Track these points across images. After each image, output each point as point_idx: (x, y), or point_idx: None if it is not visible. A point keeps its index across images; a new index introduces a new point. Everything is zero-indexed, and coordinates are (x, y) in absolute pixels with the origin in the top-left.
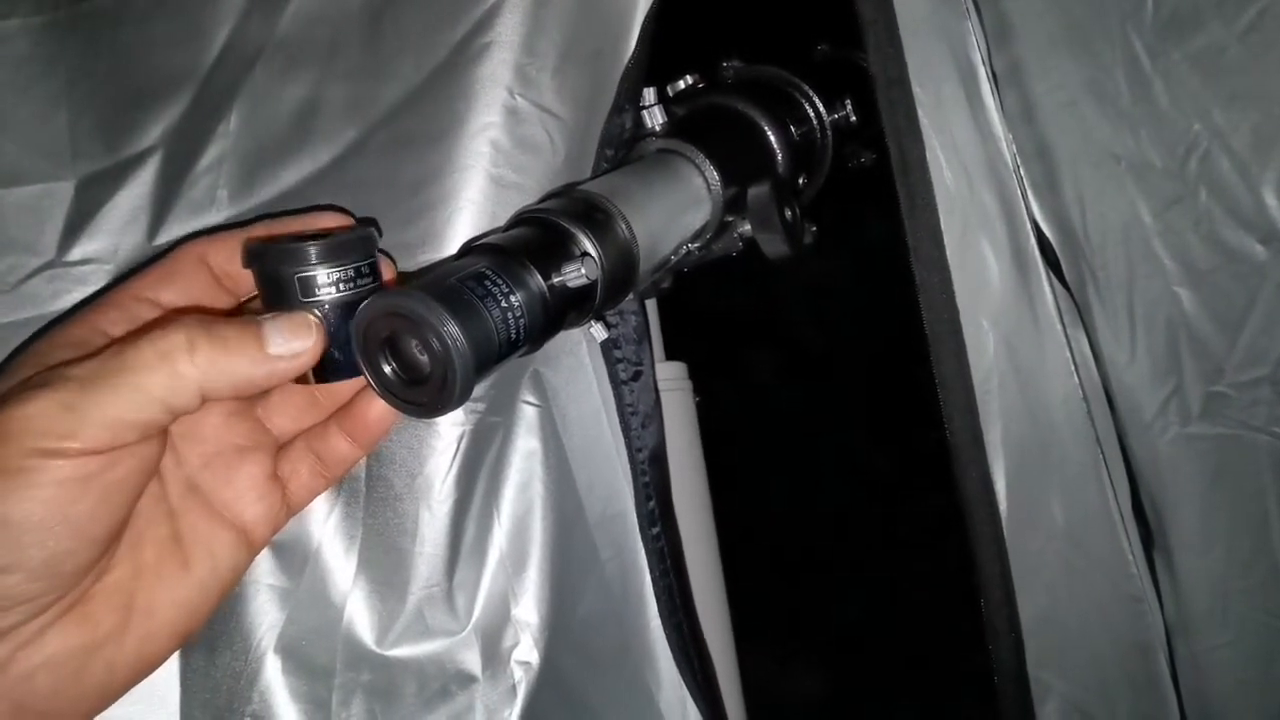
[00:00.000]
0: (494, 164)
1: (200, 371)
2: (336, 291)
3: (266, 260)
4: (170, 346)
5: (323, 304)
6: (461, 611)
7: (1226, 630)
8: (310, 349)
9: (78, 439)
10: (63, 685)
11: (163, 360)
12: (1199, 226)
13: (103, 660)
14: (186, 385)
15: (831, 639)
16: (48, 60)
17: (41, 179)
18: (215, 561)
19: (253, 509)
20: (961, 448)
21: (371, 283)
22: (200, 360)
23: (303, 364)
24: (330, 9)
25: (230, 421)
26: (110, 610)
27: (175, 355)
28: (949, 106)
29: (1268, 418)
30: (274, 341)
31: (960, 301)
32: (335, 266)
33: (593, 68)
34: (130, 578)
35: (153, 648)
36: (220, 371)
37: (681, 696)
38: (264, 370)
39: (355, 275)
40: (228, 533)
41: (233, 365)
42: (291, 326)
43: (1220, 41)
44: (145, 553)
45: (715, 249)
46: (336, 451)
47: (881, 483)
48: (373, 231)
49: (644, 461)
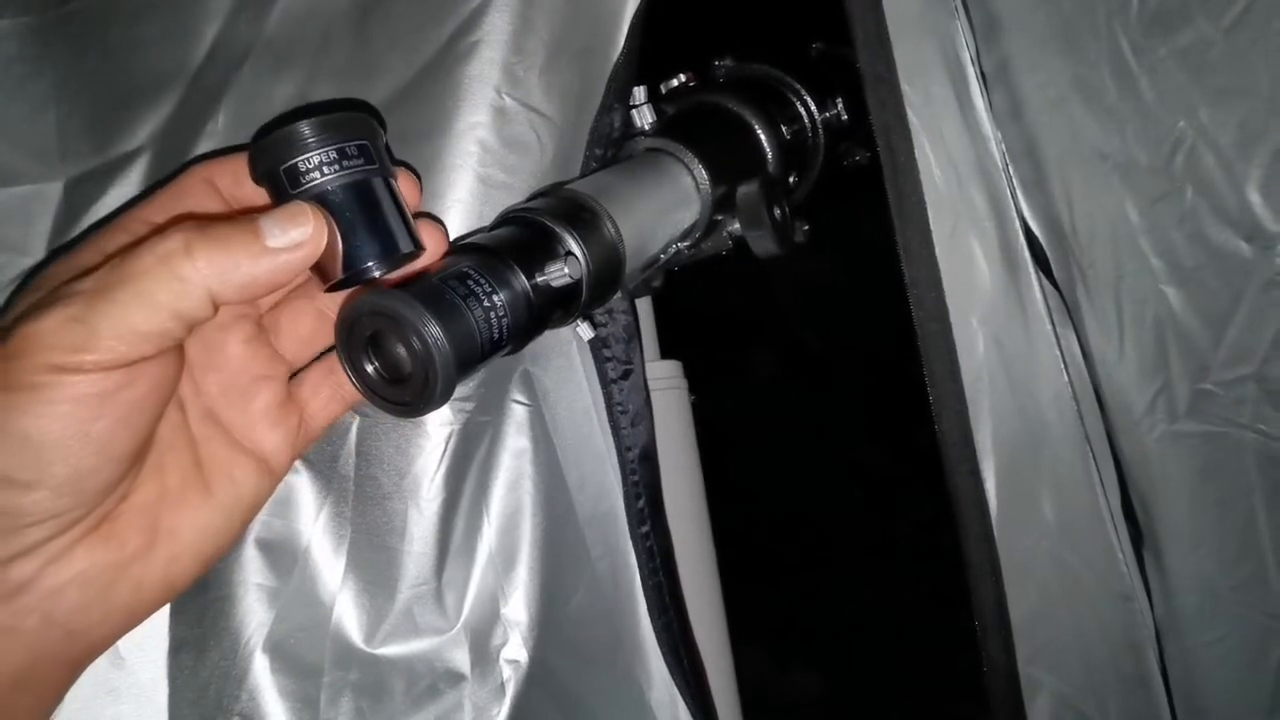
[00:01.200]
0: (482, 163)
1: (202, 273)
2: (324, 174)
3: (256, 161)
4: (168, 250)
5: (317, 191)
6: (450, 610)
7: (1215, 627)
8: (310, 236)
9: (91, 352)
10: (91, 601)
11: (163, 264)
12: (1185, 224)
13: (130, 579)
14: (191, 289)
15: (826, 637)
16: (36, 60)
17: (30, 179)
18: (237, 488)
19: (270, 437)
20: (951, 446)
21: (365, 164)
22: (200, 261)
23: (306, 254)
24: (319, 7)
25: (245, 349)
26: (136, 530)
27: (174, 258)
28: (938, 105)
29: (1253, 415)
30: (271, 233)
31: (950, 300)
32: (318, 149)
33: (581, 67)
34: (155, 500)
35: (178, 569)
36: (223, 270)
37: (672, 694)
38: (266, 264)
39: (342, 156)
40: (248, 459)
41: (234, 262)
42: (286, 215)
43: (1205, 38)
44: (169, 477)
45: (705, 248)
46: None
47: (876, 481)
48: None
49: (633, 460)
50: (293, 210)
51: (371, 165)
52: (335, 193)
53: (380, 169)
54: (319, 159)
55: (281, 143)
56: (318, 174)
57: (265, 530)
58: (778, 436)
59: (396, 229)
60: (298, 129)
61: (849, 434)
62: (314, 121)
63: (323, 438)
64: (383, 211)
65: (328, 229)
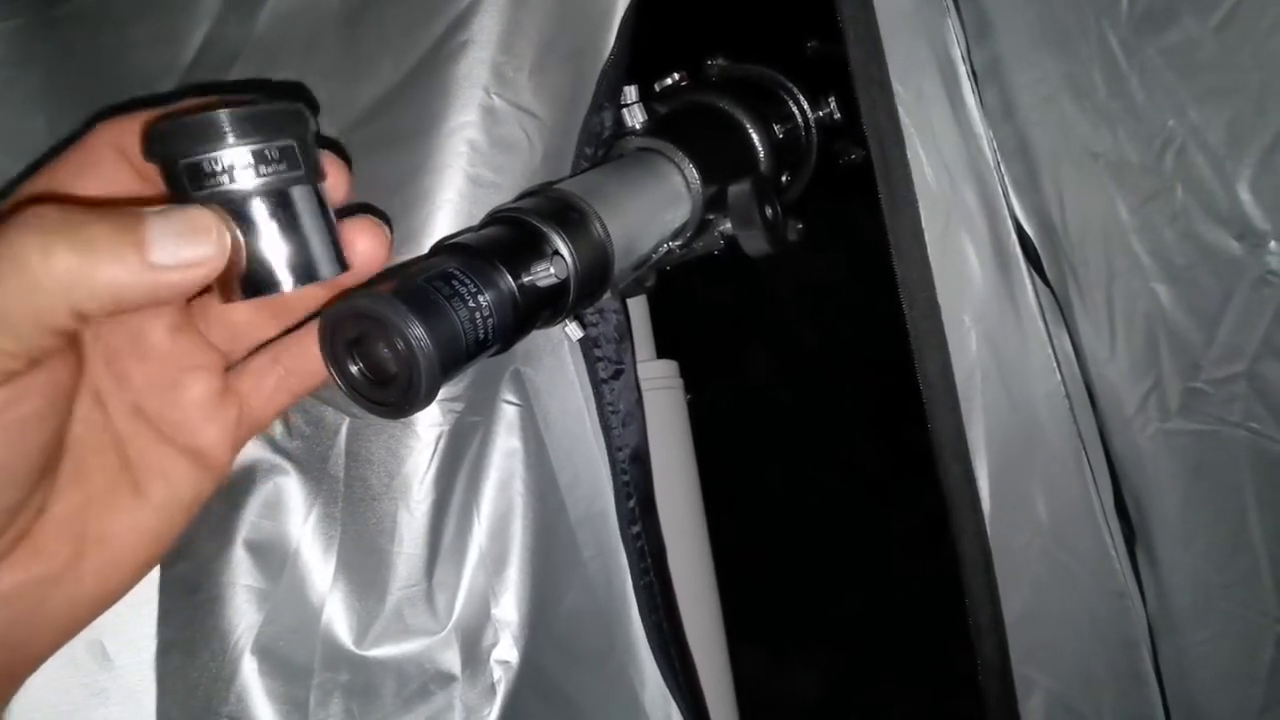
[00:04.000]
0: (471, 163)
1: (61, 284)
2: (235, 180)
3: (157, 142)
4: (21, 250)
5: (225, 196)
6: (441, 611)
7: (1208, 625)
8: (209, 257)
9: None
10: (22, 617)
11: (13, 268)
12: (1175, 223)
13: (63, 591)
14: (50, 301)
15: (820, 636)
16: (24, 64)
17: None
18: (172, 486)
19: (206, 431)
20: (944, 445)
21: (286, 170)
22: (58, 270)
23: (199, 275)
24: (307, 8)
25: (170, 338)
26: (61, 542)
27: (27, 264)
28: (930, 104)
29: (1244, 413)
30: (159, 246)
31: (942, 299)
32: (235, 146)
33: (571, 66)
34: (79, 508)
35: (114, 575)
36: (89, 284)
37: (665, 694)
38: (145, 282)
39: (260, 160)
40: (181, 456)
41: (106, 276)
42: (184, 226)
43: (1195, 36)
44: (93, 482)
45: (697, 247)
46: (309, 361)
47: (870, 480)
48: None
49: (624, 460)
50: (192, 222)
51: (295, 171)
52: (244, 202)
53: (305, 175)
54: (231, 159)
55: (187, 131)
56: (227, 178)
57: (254, 531)
58: (772, 435)
59: (316, 247)
60: (210, 118)
61: (843, 433)
62: (231, 113)
63: (312, 437)
64: (301, 227)
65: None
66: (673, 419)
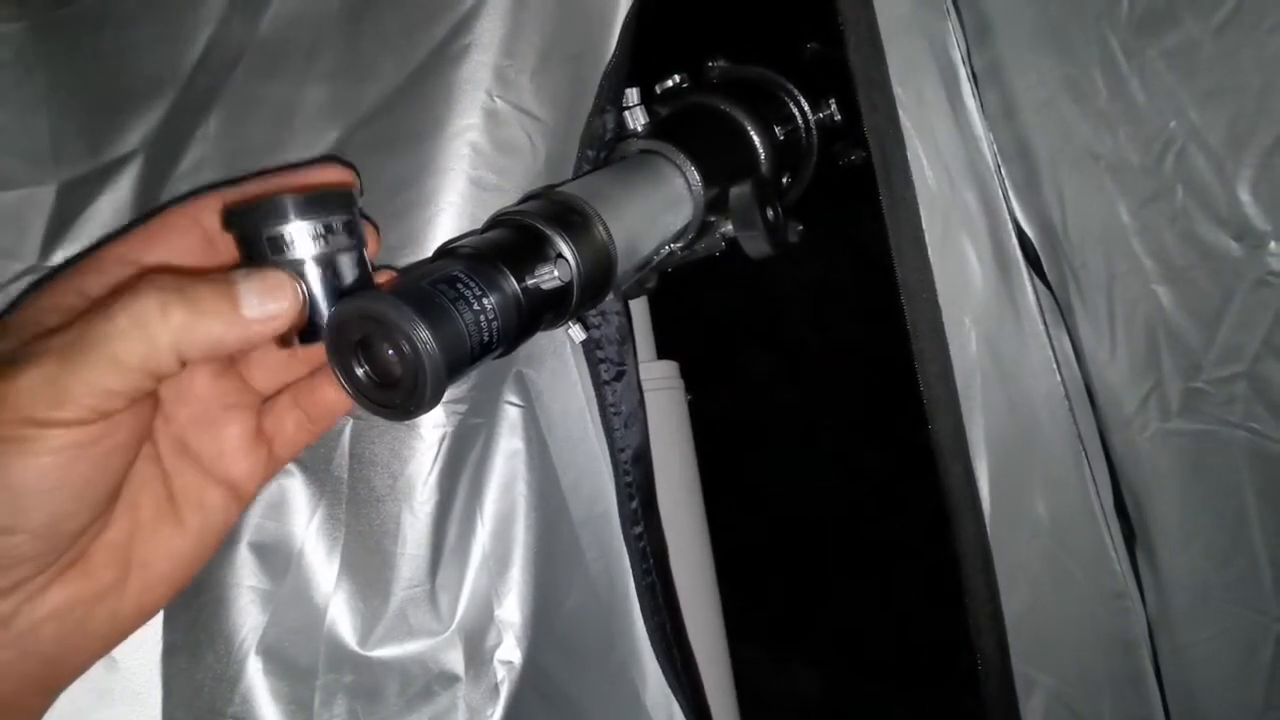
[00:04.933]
0: (474, 166)
1: (174, 336)
2: (308, 249)
3: (238, 219)
4: (143, 312)
5: (297, 263)
6: (444, 612)
7: (1208, 625)
8: (286, 310)
9: (66, 409)
10: (67, 633)
11: (137, 327)
12: (1176, 224)
13: (104, 610)
14: (162, 351)
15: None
16: (28, 65)
17: (23, 184)
18: (207, 516)
19: (240, 465)
20: (945, 445)
21: (348, 240)
22: (174, 324)
23: (279, 325)
24: (310, 10)
25: (215, 381)
26: (109, 565)
27: (149, 320)
28: (930, 106)
29: (1244, 413)
30: (248, 303)
31: (942, 300)
32: (306, 222)
33: (573, 69)
34: (128, 534)
35: (151, 597)
36: (195, 335)
37: (667, 694)
38: (238, 332)
39: (328, 231)
40: (217, 488)
41: (207, 328)
42: (266, 286)
43: (1194, 38)
44: (142, 511)
45: (698, 249)
46: (322, 404)
47: (871, 481)
48: (350, 190)
49: (627, 461)
50: (274, 282)
51: (350, 241)
52: (313, 266)
53: (354, 244)
54: (306, 231)
55: (267, 209)
56: (300, 247)
57: (259, 533)
58: (772, 436)
59: None
60: (285, 200)
61: (843, 433)
62: (302, 197)
63: (314, 445)
64: (349, 283)
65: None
66: (674, 420)
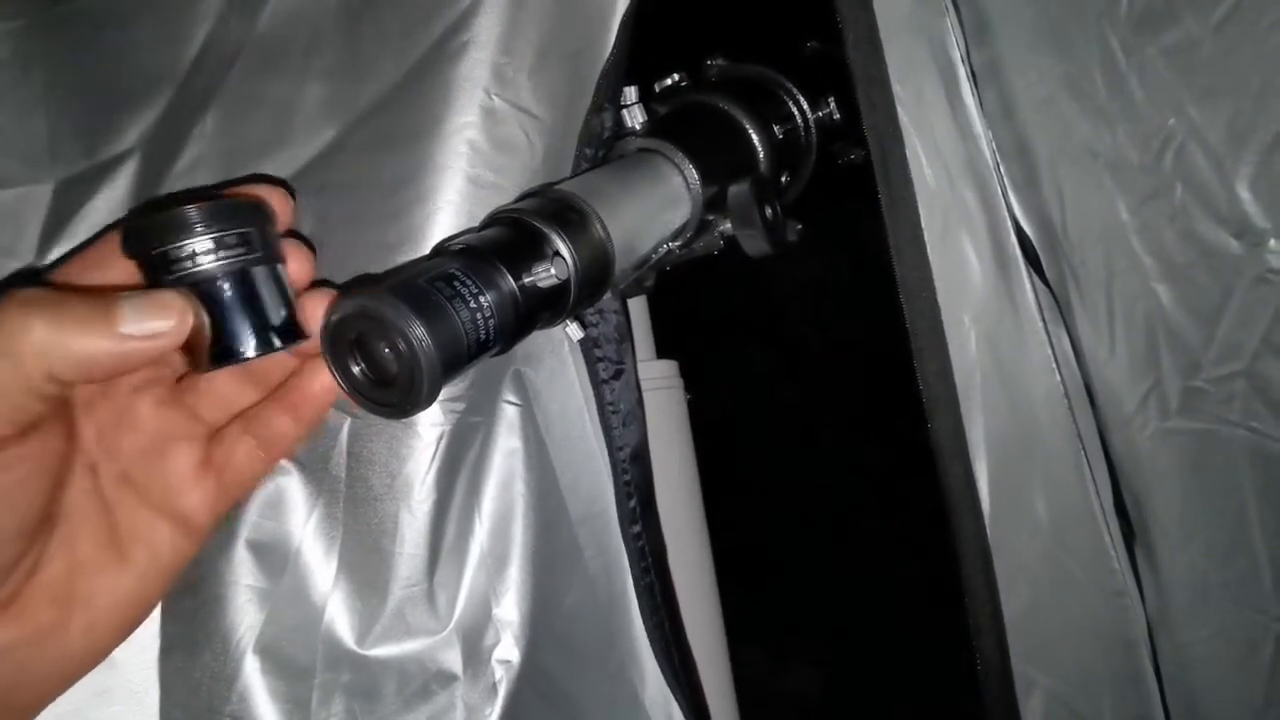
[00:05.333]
0: (472, 164)
1: (38, 350)
2: (197, 264)
3: (134, 239)
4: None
5: (191, 279)
6: (442, 611)
7: (1207, 624)
8: (171, 328)
9: None
10: (9, 674)
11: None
12: (1175, 222)
13: (49, 653)
14: (26, 366)
15: (821, 635)
16: (25, 64)
17: (20, 183)
18: (154, 551)
19: (188, 497)
20: (944, 444)
21: (244, 253)
22: (37, 337)
23: (163, 345)
24: (308, 8)
25: (158, 410)
26: (47, 605)
27: (9, 336)
28: (929, 105)
29: (1243, 412)
30: (127, 318)
31: (942, 299)
32: (195, 237)
33: (571, 67)
34: (66, 572)
35: (98, 637)
36: (65, 350)
37: (666, 693)
38: (114, 349)
39: (219, 245)
40: (165, 523)
41: (79, 343)
42: (150, 303)
43: (1194, 35)
44: (80, 547)
45: (697, 247)
46: (275, 431)
47: (870, 480)
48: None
49: (625, 460)
50: (158, 299)
51: (252, 254)
52: (207, 282)
53: (262, 257)
54: (193, 247)
55: (156, 226)
56: (190, 263)
57: (256, 531)
58: (772, 435)
59: (275, 319)
60: (174, 214)
61: (843, 433)
62: (193, 209)
63: (313, 437)
64: (260, 301)
65: (195, 318)
66: (672, 419)
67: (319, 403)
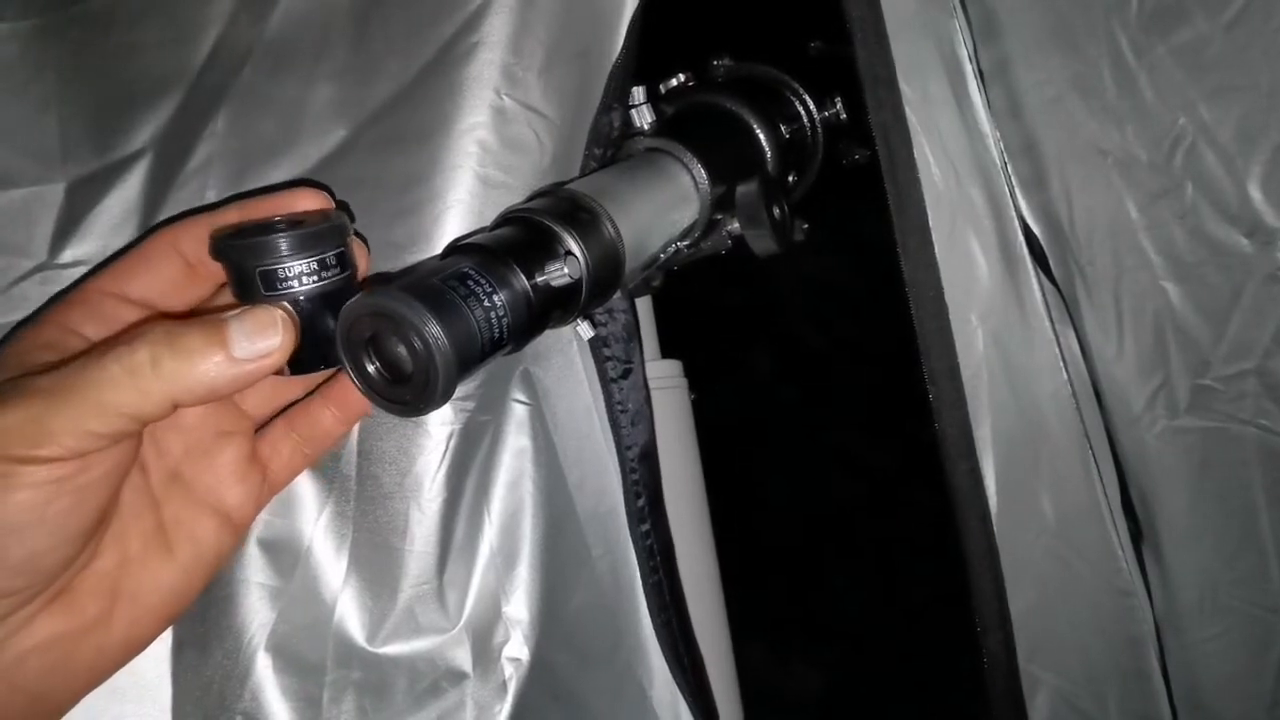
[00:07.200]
0: (481, 164)
1: (166, 384)
2: (302, 284)
3: (230, 254)
4: (135, 363)
5: (291, 297)
6: (452, 609)
7: (1215, 623)
8: (278, 347)
9: (47, 447)
10: (53, 667)
11: (128, 375)
12: (1185, 220)
13: (92, 643)
14: (153, 399)
15: (827, 634)
16: (37, 64)
17: (32, 182)
18: (198, 546)
19: (233, 492)
20: (951, 443)
21: (340, 272)
22: (165, 374)
23: (272, 364)
24: (318, 9)
25: (209, 409)
26: (96, 598)
27: (140, 373)
28: (937, 104)
29: (1254, 410)
30: (239, 345)
31: (949, 298)
32: (301, 258)
33: (580, 67)
34: (115, 566)
35: (140, 630)
36: (189, 382)
37: (674, 692)
38: (231, 374)
39: (322, 267)
40: (210, 518)
41: (200, 375)
42: (257, 325)
43: (1204, 34)
44: (130, 543)
45: (705, 247)
46: (319, 427)
47: (876, 479)
48: (343, 219)
49: (633, 459)
50: (264, 320)
51: (345, 273)
52: (306, 301)
53: (351, 275)
54: (304, 267)
55: (268, 247)
56: (295, 282)
57: (267, 529)
58: (778, 434)
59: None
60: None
61: (849, 431)
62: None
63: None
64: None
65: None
66: (677, 418)
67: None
